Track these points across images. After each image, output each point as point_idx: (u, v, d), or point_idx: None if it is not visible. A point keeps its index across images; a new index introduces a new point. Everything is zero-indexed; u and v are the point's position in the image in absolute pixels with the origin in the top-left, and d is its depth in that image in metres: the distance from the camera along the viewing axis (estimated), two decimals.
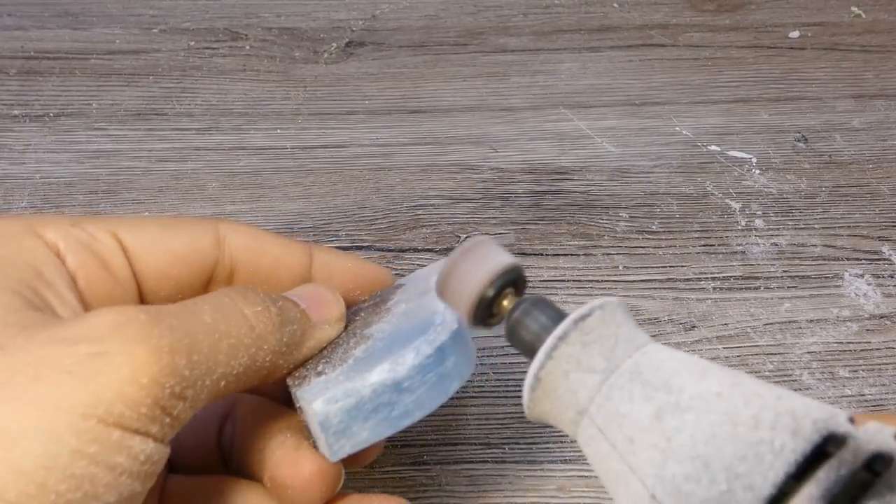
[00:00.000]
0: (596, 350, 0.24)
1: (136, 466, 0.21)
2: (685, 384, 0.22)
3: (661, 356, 0.23)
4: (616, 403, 0.23)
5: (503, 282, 0.25)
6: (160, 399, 0.22)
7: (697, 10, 0.60)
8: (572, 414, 0.24)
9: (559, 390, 0.24)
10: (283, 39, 0.56)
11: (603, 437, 0.23)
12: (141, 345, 0.22)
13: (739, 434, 0.21)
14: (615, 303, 0.24)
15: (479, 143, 0.49)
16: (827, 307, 0.41)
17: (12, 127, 0.49)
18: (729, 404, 0.22)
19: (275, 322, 0.25)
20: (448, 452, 0.35)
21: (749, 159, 0.48)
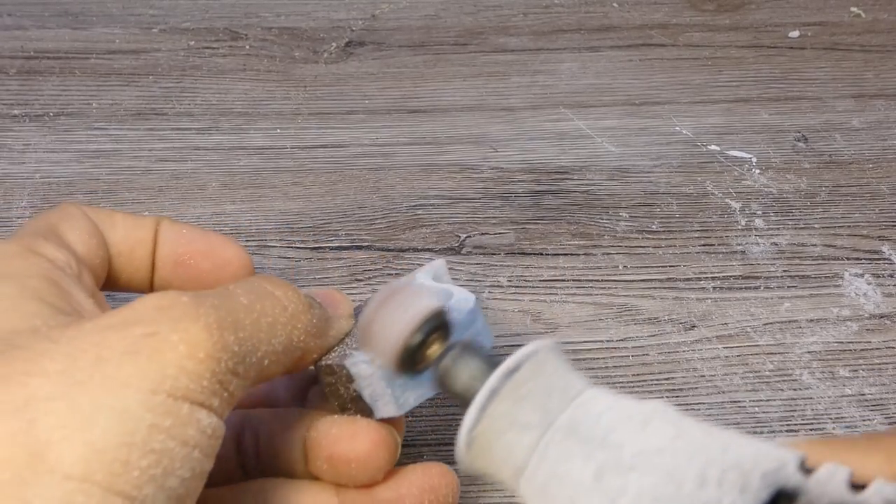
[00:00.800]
0: (529, 404, 0.22)
1: (204, 440, 0.22)
2: (625, 439, 0.21)
3: (599, 406, 0.22)
4: (554, 463, 0.22)
5: (429, 328, 0.24)
6: (217, 373, 0.22)
7: (697, 9, 0.60)
8: (510, 472, 0.23)
9: (494, 449, 0.23)
10: (282, 39, 0.56)
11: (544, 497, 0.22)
12: (191, 322, 0.22)
13: (685, 495, 0.20)
14: (547, 348, 0.23)
15: (479, 142, 0.49)
16: (827, 307, 0.41)
17: (12, 127, 0.49)
18: (672, 461, 0.21)
19: (303, 302, 0.26)
20: (448, 453, 0.35)
21: (749, 159, 0.48)
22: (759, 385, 0.37)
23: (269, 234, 0.43)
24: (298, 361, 0.27)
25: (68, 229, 0.28)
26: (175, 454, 0.21)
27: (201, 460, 0.22)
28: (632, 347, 0.39)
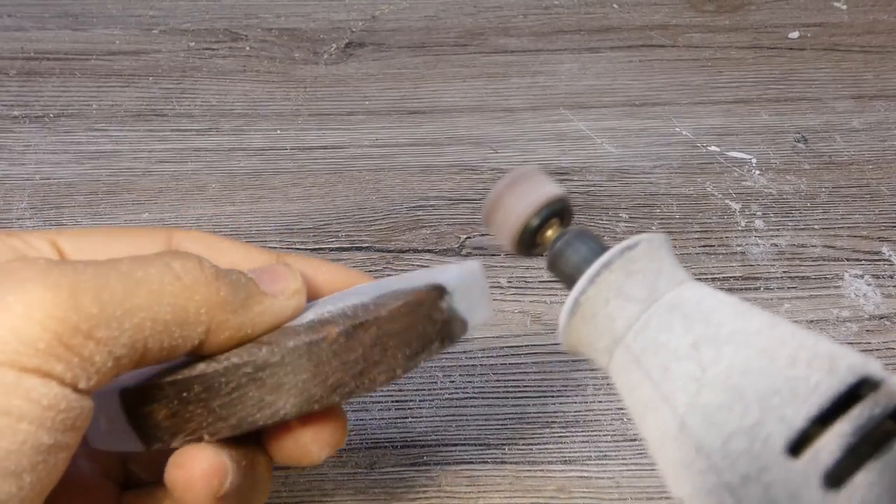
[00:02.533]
0: (639, 280, 0.24)
1: (38, 412, 0.20)
2: (725, 319, 0.23)
3: (703, 292, 0.24)
4: (654, 332, 0.23)
5: (548, 212, 0.25)
6: (62, 335, 0.21)
7: (697, 10, 0.60)
8: (608, 341, 0.24)
9: (598, 316, 0.24)
10: (282, 40, 0.56)
11: (637, 365, 0.23)
12: (36, 283, 0.21)
13: (776, 369, 0.21)
14: (661, 238, 0.24)
15: (479, 143, 0.49)
16: (827, 308, 0.41)
17: (12, 128, 0.49)
18: (767, 341, 0.22)
19: (207, 275, 0.24)
20: (448, 453, 0.35)
21: (749, 160, 0.48)
22: None
23: (269, 235, 0.44)
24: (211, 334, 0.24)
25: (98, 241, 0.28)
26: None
27: (34, 433, 0.20)
28: None
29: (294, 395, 0.24)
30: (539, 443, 0.35)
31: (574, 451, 0.35)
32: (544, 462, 0.35)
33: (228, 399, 0.24)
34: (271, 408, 0.24)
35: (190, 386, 0.24)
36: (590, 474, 0.34)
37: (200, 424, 0.24)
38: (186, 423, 0.24)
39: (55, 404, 0.21)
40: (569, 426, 0.36)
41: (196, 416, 0.24)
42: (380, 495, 0.34)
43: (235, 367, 0.24)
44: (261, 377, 0.24)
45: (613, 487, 0.34)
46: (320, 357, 0.24)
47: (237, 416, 0.24)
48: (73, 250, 0.27)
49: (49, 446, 0.21)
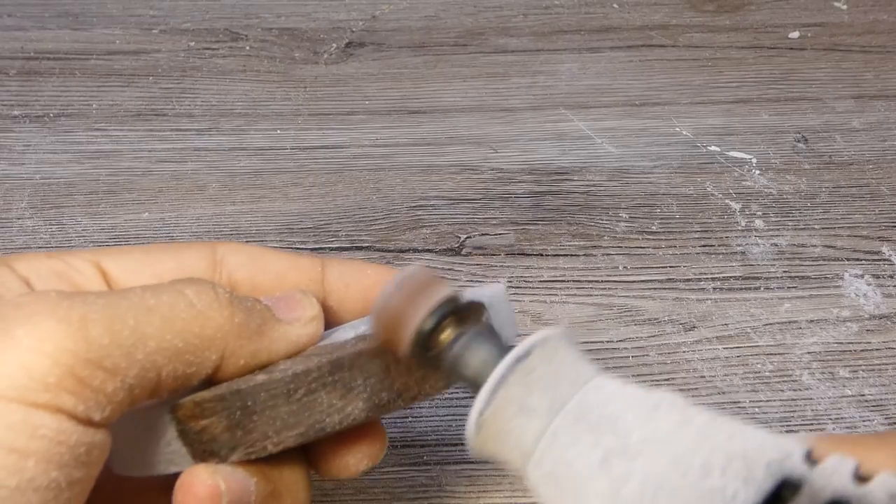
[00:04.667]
0: (539, 390, 0.22)
1: (46, 449, 0.20)
2: (633, 425, 0.21)
3: (607, 393, 0.22)
4: (562, 448, 0.22)
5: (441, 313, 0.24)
6: (73, 367, 0.20)
7: (697, 10, 0.60)
8: (518, 457, 0.23)
9: (503, 434, 0.23)
10: (283, 40, 0.56)
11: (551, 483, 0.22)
12: (45, 315, 0.21)
13: (689, 483, 0.20)
14: (557, 336, 0.23)
15: (480, 143, 0.49)
16: (827, 307, 0.41)
17: (12, 127, 0.49)
18: (678, 449, 0.21)
19: (221, 301, 0.24)
20: (448, 453, 0.35)
21: (749, 160, 0.48)
22: (759, 386, 0.38)
23: (270, 235, 0.43)
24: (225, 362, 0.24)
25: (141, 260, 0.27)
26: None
27: (44, 470, 0.20)
28: (632, 348, 0.39)
29: (363, 400, 0.24)
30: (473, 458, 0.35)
31: None
32: None
33: (298, 406, 0.24)
34: (341, 413, 0.24)
35: (255, 394, 0.24)
36: None
37: (265, 434, 0.24)
38: (248, 434, 0.24)
39: (65, 440, 0.20)
40: None
41: (260, 427, 0.24)
42: (380, 495, 0.34)
43: (306, 373, 0.24)
44: (333, 381, 0.24)
45: None
46: (388, 361, 0.25)
47: (306, 422, 0.24)
48: (119, 270, 0.27)
49: (59, 483, 0.20)
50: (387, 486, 0.34)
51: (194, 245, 0.28)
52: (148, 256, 0.27)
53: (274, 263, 0.28)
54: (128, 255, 0.27)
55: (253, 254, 0.28)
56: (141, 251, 0.28)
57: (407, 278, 0.25)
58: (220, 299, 0.24)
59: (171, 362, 0.23)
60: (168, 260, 0.27)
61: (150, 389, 0.22)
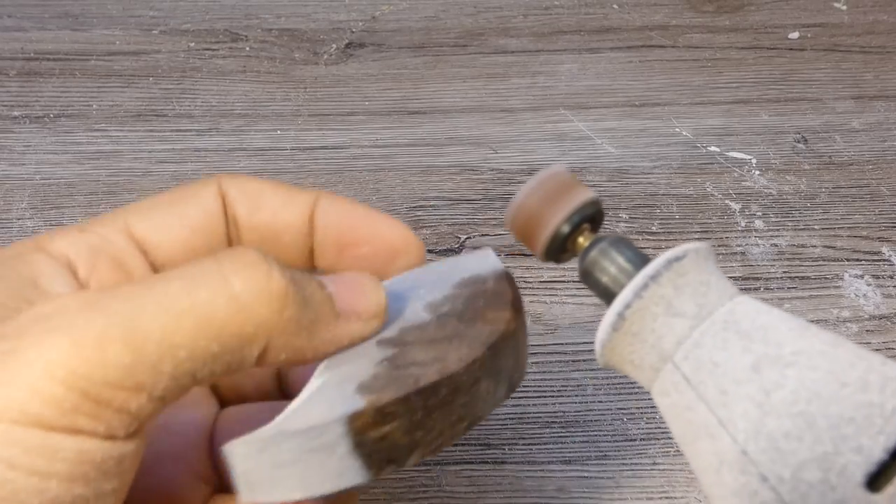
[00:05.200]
0: (688, 294, 0.22)
1: (68, 469, 0.19)
2: (785, 339, 0.21)
3: (757, 307, 0.22)
4: (708, 351, 0.21)
5: (580, 217, 0.23)
6: (88, 392, 0.19)
7: (697, 11, 0.60)
8: (654, 359, 0.22)
9: (643, 332, 0.22)
10: (282, 41, 0.56)
11: (688, 386, 0.21)
12: (60, 336, 0.19)
13: (846, 395, 0.20)
14: (707, 248, 0.23)
15: (479, 144, 0.49)
16: (827, 308, 0.41)
17: (12, 128, 0.49)
18: (834, 363, 0.20)
19: (273, 288, 0.21)
20: (448, 453, 0.35)
21: (749, 160, 0.48)
22: None
23: None
24: (267, 361, 0.22)
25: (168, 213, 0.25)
26: (17, 486, 0.19)
27: (68, 489, 0.19)
28: None
29: (503, 384, 0.24)
30: (539, 443, 0.35)
31: (574, 450, 0.35)
32: (544, 462, 0.35)
33: (469, 397, 0.23)
34: (493, 398, 0.23)
35: (439, 391, 0.22)
36: (590, 474, 0.34)
37: (441, 432, 0.22)
38: (427, 433, 0.22)
39: (89, 459, 0.20)
40: (569, 426, 0.36)
41: (437, 424, 0.22)
42: (380, 495, 0.34)
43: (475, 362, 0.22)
44: (490, 368, 0.23)
45: (613, 487, 0.34)
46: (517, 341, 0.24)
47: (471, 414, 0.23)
48: (150, 230, 0.25)
49: (87, 497, 0.20)
50: (387, 486, 0.34)
51: (205, 184, 0.26)
52: (172, 208, 0.26)
53: (269, 199, 0.26)
54: (153, 210, 0.25)
55: (250, 188, 0.26)
56: (165, 203, 0.26)
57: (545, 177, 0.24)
58: (271, 288, 0.21)
59: (207, 366, 0.21)
60: (190, 205, 0.26)
61: (181, 394, 0.21)
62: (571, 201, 0.23)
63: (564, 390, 0.37)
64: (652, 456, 0.35)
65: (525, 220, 0.24)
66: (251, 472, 0.22)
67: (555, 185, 0.24)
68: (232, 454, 0.22)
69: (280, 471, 0.22)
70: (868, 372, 0.20)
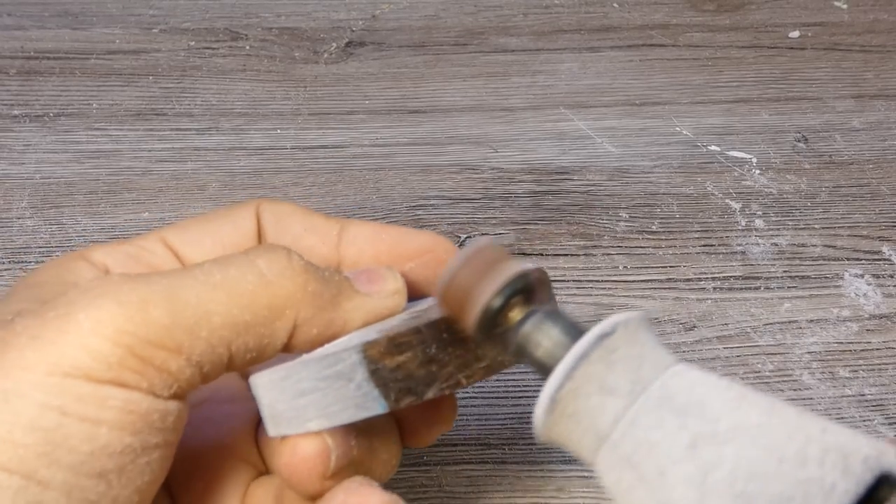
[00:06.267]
0: (620, 370, 0.22)
1: (117, 417, 0.21)
2: (721, 412, 0.21)
3: (691, 379, 0.22)
4: (644, 431, 0.21)
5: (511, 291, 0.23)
6: (133, 348, 0.21)
7: (697, 10, 0.60)
8: (591, 440, 0.22)
9: (578, 414, 0.22)
10: (283, 39, 0.56)
11: (627, 466, 0.21)
12: (107, 299, 0.22)
13: (784, 471, 0.20)
14: (639, 318, 0.22)
15: (479, 143, 0.49)
16: (827, 307, 0.41)
17: (12, 127, 0.49)
18: (771, 437, 0.20)
19: (295, 268, 0.24)
20: (448, 453, 0.35)
21: (749, 159, 0.48)
22: (759, 385, 0.37)
23: None
24: (295, 333, 0.24)
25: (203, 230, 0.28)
26: (69, 431, 0.21)
27: (118, 436, 0.21)
28: None
29: None
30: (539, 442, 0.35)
31: None
32: (544, 462, 0.35)
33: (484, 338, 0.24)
34: None
35: (451, 326, 0.24)
36: (590, 474, 0.34)
37: (459, 367, 0.24)
38: (443, 368, 0.24)
39: (136, 409, 0.22)
40: None
41: (454, 359, 0.24)
42: None
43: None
44: None
45: None
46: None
47: (490, 356, 0.24)
48: (182, 243, 0.27)
49: (135, 448, 0.22)
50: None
51: (245, 205, 0.29)
52: (206, 225, 0.28)
53: (296, 224, 0.28)
54: (188, 228, 0.28)
55: (281, 213, 0.28)
56: (199, 221, 0.28)
57: (474, 252, 0.24)
58: (293, 266, 0.24)
59: (241, 336, 0.23)
60: (224, 224, 0.28)
61: (221, 365, 0.23)
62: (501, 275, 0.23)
63: None
64: None
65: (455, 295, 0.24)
66: (275, 403, 0.23)
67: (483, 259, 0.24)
68: (257, 385, 0.24)
69: (301, 399, 0.23)
70: (806, 444, 0.20)
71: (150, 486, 0.23)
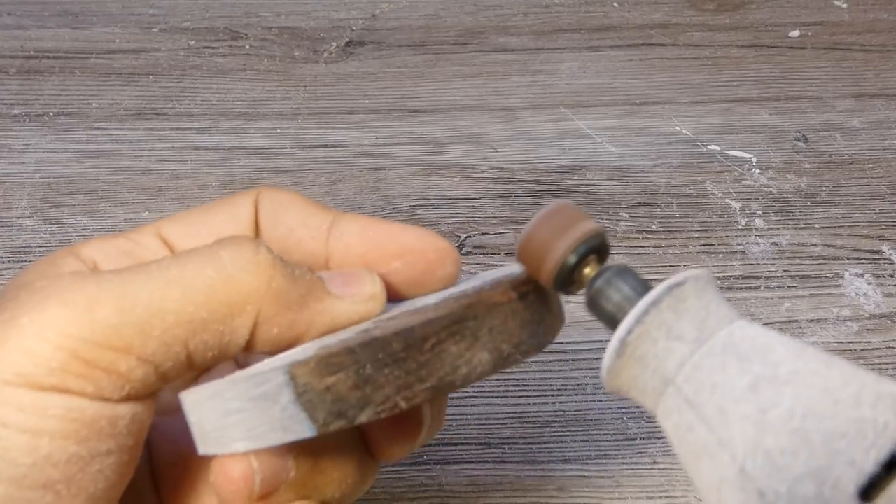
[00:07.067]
0: (688, 319, 0.23)
1: (56, 425, 0.20)
2: (781, 359, 0.22)
3: (755, 331, 0.23)
4: (708, 373, 0.22)
5: (585, 249, 0.24)
6: (77, 351, 0.20)
7: (697, 9, 0.60)
8: (657, 383, 0.23)
9: (646, 357, 0.23)
10: (283, 39, 0.56)
11: (689, 407, 0.22)
12: (52, 300, 0.21)
13: (840, 411, 0.21)
14: (707, 275, 0.24)
15: (480, 142, 0.49)
16: (827, 307, 0.41)
17: (12, 126, 0.49)
18: (828, 381, 0.21)
19: (260, 262, 0.22)
20: (448, 452, 0.35)
21: (749, 159, 0.48)
22: None
23: None
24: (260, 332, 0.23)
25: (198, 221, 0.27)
26: (9, 443, 0.20)
27: (60, 446, 0.20)
28: None
29: (488, 351, 0.24)
30: (539, 442, 0.35)
31: (574, 450, 0.35)
32: (544, 461, 0.35)
33: (430, 356, 0.23)
34: (469, 365, 0.23)
35: (388, 345, 0.22)
36: (590, 473, 0.34)
37: (396, 390, 0.22)
38: (378, 390, 0.22)
39: (79, 417, 0.21)
40: (569, 425, 0.36)
41: (392, 381, 0.22)
42: (380, 495, 0.34)
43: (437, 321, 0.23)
44: (462, 330, 0.23)
45: (613, 486, 0.34)
46: (506, 314, 0.24)
47: (436, 375, 0.23)
48: (178, 235, 0.26)
49: (82, 456, 0.21)
50: (387, 486, 0.34)
51: (244, 194, 0.27)
52: (203, 216, 0.27)
53: (292, 215, 0.27)
54: (184, 220, 0.27)
55: (279, 202, 0.27)
56: (197, 212, 0.27)
57: (552, 210, 0.25)
58: (258, 260, 0.22)
59: (198, 334, 0.22)
60: (221, 214, 0.27)
61: (180, 364, 0.22)
62: (577, 232, 0.24)
63: (564, 389, 0.37)
64: (652, 455, 0.35)
65: (533, 251, 0.25)
66: (202, 421, 0.22)
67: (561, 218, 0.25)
68: (185, 401, 0.23)
69: (227, 419, 0.22)
70: (861, 389, 0.21)
71: (107, 493, 0.22)
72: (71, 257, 0.25)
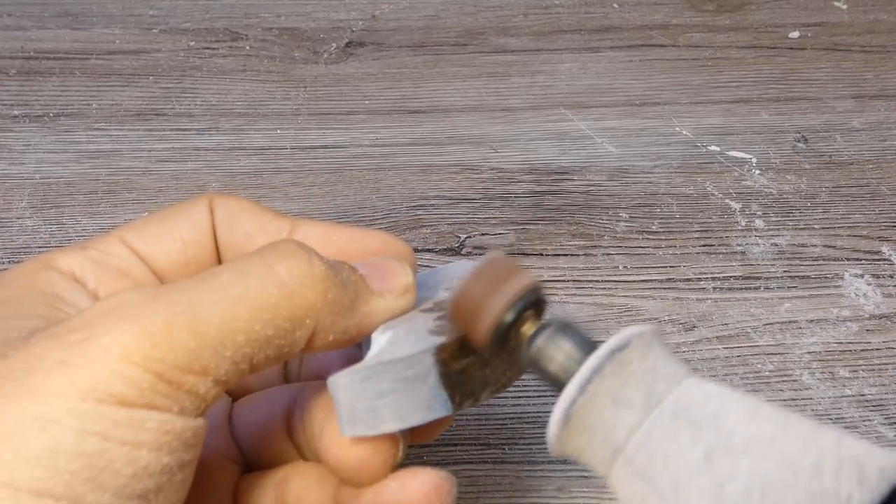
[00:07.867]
0: (633, 384, 0.22)
1: (153, 438, 0.21)
2: (735, 424, 0.21)
3: (705, 392, 0.22)
4: (659, 443, 0.21)
5: (523, 304, 0.23)
6: (162, 374, 0.21)
7: (697, 10, 0.60)
8: (606, 452, 0.22)
9: (592, 428, 0.22)
10: (283, 39, 0.56)
11: (642, 479, 0.21)
12: (131, 324, 0.21)
13: (800, 483, 0.20)
14: (652, 332, 0.22)
15: (479, 143, 0.49)
16: (827, 307, 0.41)
17: (12, 127, 0.49)
18: (785, 448, 0.20)
19: (316, 274, 0.23)
20: (448, 453, 0.35)
21: (749, 159, 0.48)
22: (759, 385, 0.37)
23: None
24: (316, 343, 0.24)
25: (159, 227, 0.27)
26: (112, 455, 0.21)
27: (156, 457, 0.21)
28: None
29: None
30: (539, 442, 0.35)
31: None
32: (544, 462, 0.35)
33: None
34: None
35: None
36: (590, 474, 0.34)
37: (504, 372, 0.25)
38: (493, 371, 0.24)
39: (171, 429, 0.21)
40: None
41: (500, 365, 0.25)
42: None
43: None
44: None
45: None
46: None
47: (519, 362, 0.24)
48: (142, 243, 0.27)
49: (171, 467, 0.22)
50: None
51: (197, 200, 0.28)
52: (163, 223, 0.27)
53: (248, 222, 0.27)
54: (144, 227, 0.27)
55: (233, 210, 0.28)
56: (154, 219, 0.28)
57: (485, 265, 0.24)
58: (314, 272, 0.23)
59: (263, 350, 0.23)
60: (181, 220, 0.27)
61: (242, 376, 0.23)
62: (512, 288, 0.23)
63: None
64: None
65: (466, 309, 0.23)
66: (354, 403, 0.23)
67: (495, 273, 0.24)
68: (336, 385, 0.23)
69: (379, 400, 0.23)
70: (821, 457, 0.20)
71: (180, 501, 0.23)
72: (52, 271, 0.25)
